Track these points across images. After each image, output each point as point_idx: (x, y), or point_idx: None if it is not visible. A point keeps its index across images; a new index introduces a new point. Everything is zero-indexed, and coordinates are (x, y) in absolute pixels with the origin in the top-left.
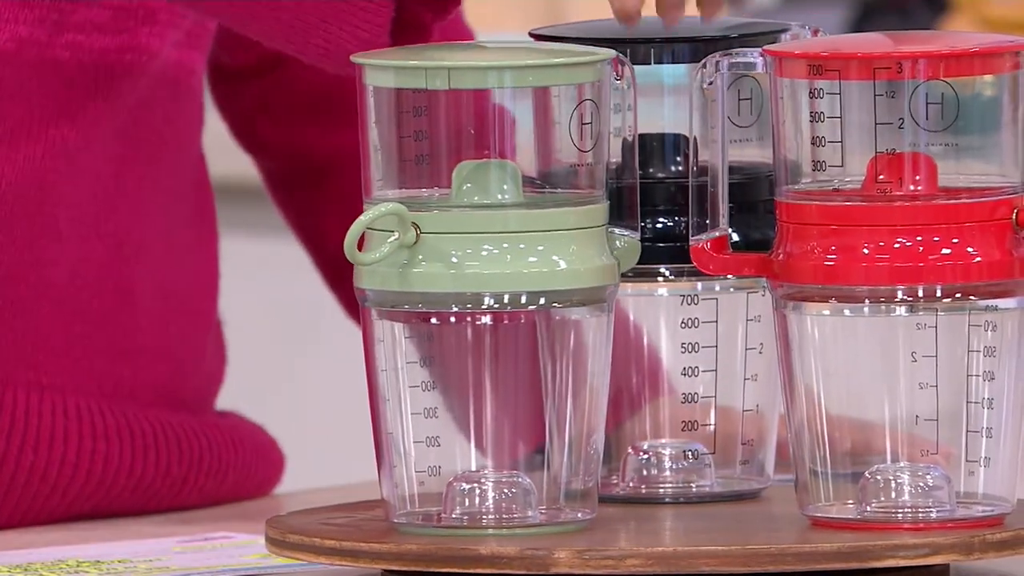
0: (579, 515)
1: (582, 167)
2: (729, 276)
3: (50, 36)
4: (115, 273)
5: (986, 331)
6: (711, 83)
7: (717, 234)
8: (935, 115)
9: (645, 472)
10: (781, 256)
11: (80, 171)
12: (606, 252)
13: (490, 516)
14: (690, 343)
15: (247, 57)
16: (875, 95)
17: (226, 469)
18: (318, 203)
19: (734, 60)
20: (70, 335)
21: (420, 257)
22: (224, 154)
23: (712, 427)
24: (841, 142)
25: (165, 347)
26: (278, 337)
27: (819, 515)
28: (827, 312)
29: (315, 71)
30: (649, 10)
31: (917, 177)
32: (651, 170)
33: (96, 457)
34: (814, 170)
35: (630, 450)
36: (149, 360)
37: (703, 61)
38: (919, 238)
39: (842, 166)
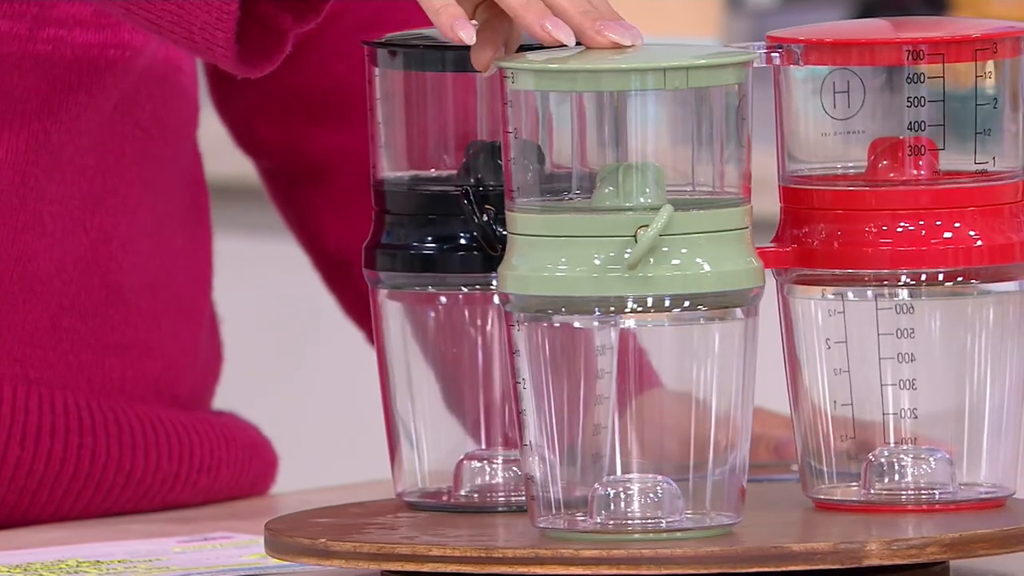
0: (725, 519)
1: (734, 167)
2: None
3: (31, 31)
4: (102, 268)
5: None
6: None
7: None
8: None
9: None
10: (784, 241)
11: (63, 166)
12: (751, 254)
13: (636, 520)
14: None
15: None
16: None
17: (219, 465)
18: (316, 204)
19: None
20: (57, 329)
21: (552, 262)
22: (223, 154)
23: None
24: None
25: (156, 342)
26: (276, 338)
27: (822, 497)
28: (831, 296)
29: (311, 71)
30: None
31: (919, 161)
32: None
33: (83, 452)
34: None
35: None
36: (139, 355)
37: None
38: (921, 222)
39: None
